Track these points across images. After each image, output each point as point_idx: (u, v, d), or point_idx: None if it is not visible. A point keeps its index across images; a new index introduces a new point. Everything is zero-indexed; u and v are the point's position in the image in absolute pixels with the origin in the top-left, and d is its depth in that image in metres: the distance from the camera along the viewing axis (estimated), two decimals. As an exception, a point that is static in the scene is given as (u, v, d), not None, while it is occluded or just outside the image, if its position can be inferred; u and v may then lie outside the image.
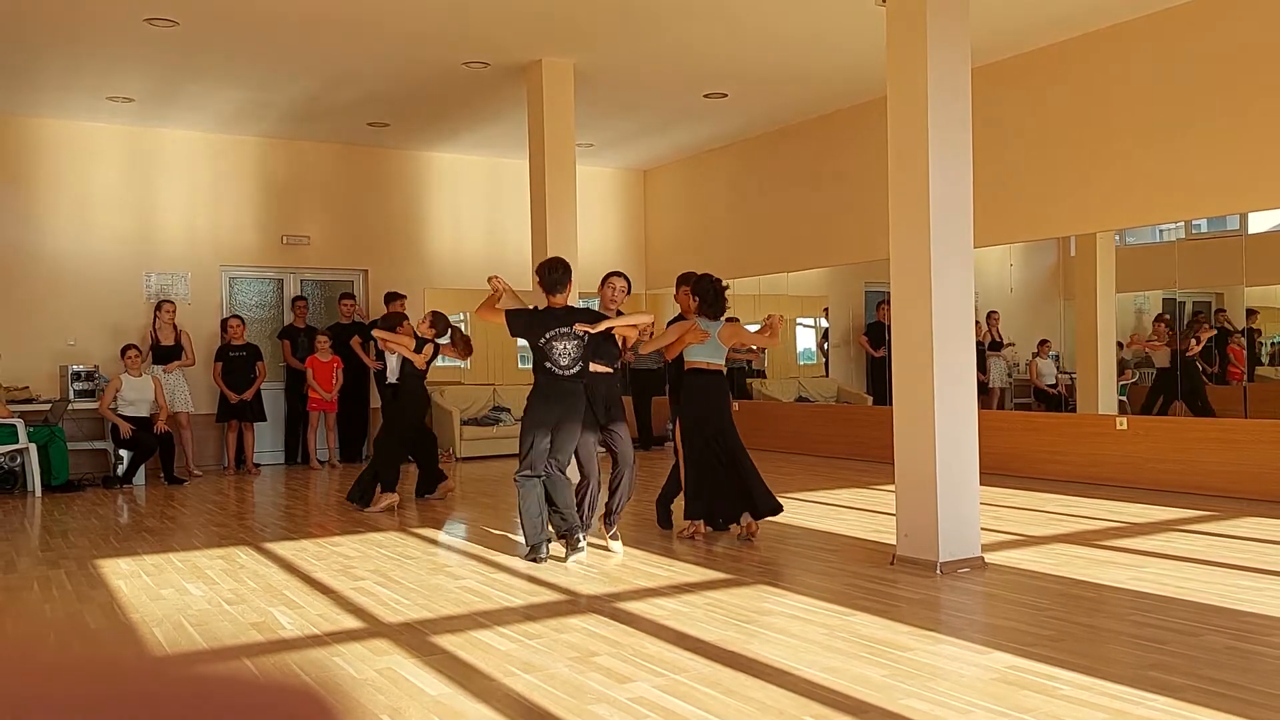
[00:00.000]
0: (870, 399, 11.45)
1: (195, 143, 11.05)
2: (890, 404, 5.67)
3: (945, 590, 4.87)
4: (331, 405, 10.95)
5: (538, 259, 8.94)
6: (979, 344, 9.42)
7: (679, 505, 6.51)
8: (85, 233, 10.56)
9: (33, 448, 9.09)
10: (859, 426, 10.73)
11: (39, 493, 9.07)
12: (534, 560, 5.60)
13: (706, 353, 6.21)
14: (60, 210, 10.47)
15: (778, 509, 6.15)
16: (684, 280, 6.62)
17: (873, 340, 11.25)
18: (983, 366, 9.97)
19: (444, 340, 8.11)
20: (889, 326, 5.82)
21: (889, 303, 5.68)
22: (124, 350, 9.83)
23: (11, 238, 10.24)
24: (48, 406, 9.67)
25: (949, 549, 5.24)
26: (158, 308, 10.39)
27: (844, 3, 7.44)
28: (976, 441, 5.48)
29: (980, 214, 5.87)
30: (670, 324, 6.53)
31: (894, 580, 5.05)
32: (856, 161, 10.42)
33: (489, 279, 6.02)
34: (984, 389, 9.90)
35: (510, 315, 5.78)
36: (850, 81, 9.62)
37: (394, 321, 8.34)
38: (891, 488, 5.84)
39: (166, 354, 10.30)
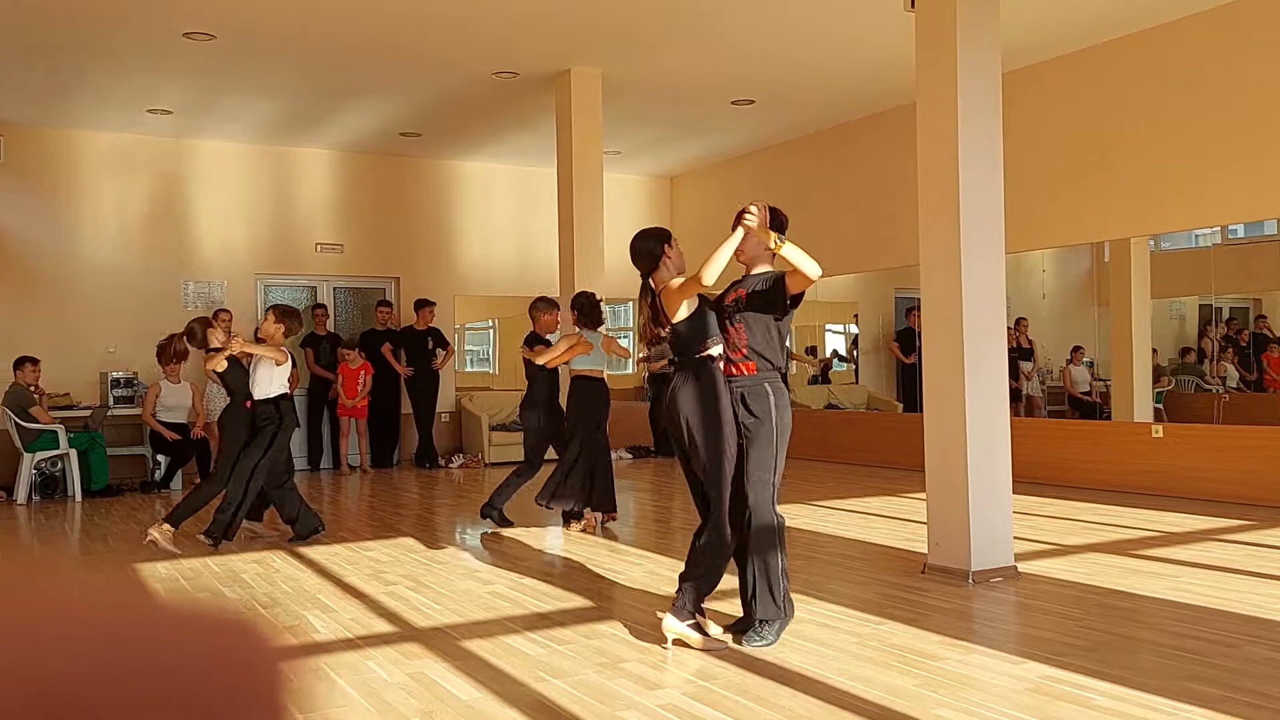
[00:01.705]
0: (900, 406, 11.39)
1: (231, 153, 11.20)
2: (921, 411, 5.64)
3: (977, 599, 4.83)
4: (360, 411, 11.04)
5: (565, 265, 9.00)
6: (1010, 350, 9.35)
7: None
8: (125, 242, 10.73)
9: (73, 453, 9.24)
10: (889, 433, 10.67)
11: (79, 497, 9.22)
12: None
13: (591, 361, 6.92)
14: (101, 220, 10.65)
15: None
16: (546, 303, 7.29)
17: (903, 346, 11.19)
18: (1014, 373, 9.90)
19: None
20: (919, 333, 5.80)
21: (919, 309, 5.65)
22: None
23: (54, 248, 10.42)
24: (88, 413, 9.83)
25: (981, 558, 5.20)
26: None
27: (872, 8, 7.43)
28: (1009, 449, 5.44)
29: (1012, 219, 5.83)
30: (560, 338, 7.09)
31: (925, 589, 5.02)
32: (886, 166, 10.39)
33: None
34: (1016, 396, 9.82)
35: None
36: (879, 86, 9.59)
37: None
38: (922, 496, 5.81)
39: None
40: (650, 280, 4.21)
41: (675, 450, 4.25)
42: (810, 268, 3.84)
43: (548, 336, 7.23)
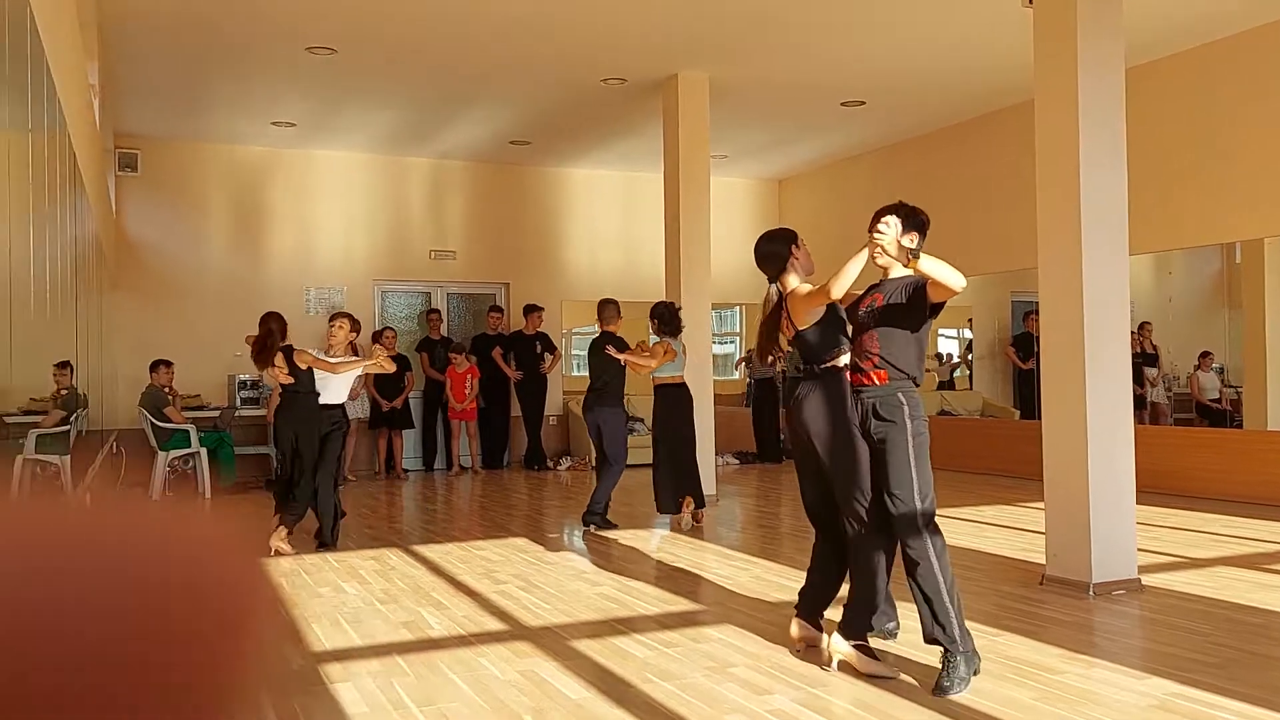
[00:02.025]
0: (1017, 413, 11.08)
1: (351, 163, 11.59)
2: (1039, 417, 5.48)
3: (1098, 612, 4.68)
4: (470, 414, 11.28)
5: (671, 270, 9.03)
6: (1133, 356, 9.00)
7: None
8: (251, 250, 11.20)
9: (203, 452, 9.67)
10: (1005, 441, 10.39)
11: (209, 494, 9.65)
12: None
13: (675, 368, 7.09)
14: (228, 230, 11.14)
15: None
16: (616, 305, 7.54)
17: (1020, 351, 10.89)
18: (1138, 379, 9.53)
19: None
20: (1037, 337, 5.64)
21: (1037, 313, 5.50)
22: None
23: (185, 256, 10.94)
24: (217, 413, 10.28)
25: (1102, 569, 5.03)
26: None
27: (987, 5, 7.26)
28: (1133, 457, 5.25)
29: (1136, 219, 5.63)
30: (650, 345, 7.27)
31: (1043, 601, 4.88)
32: (1001, 167, 10.13)
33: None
34: (1140, 403, 9.46)
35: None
36: (993, 85, 9.37)
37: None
38: (1039, 505, 5.65)
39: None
40: (778, 284, 4.03)
41: (796, 462, 4.07)
42: (953, 279, 3.55)
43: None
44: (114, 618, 0.28)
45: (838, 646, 3.72)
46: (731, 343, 14.06)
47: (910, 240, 3.76)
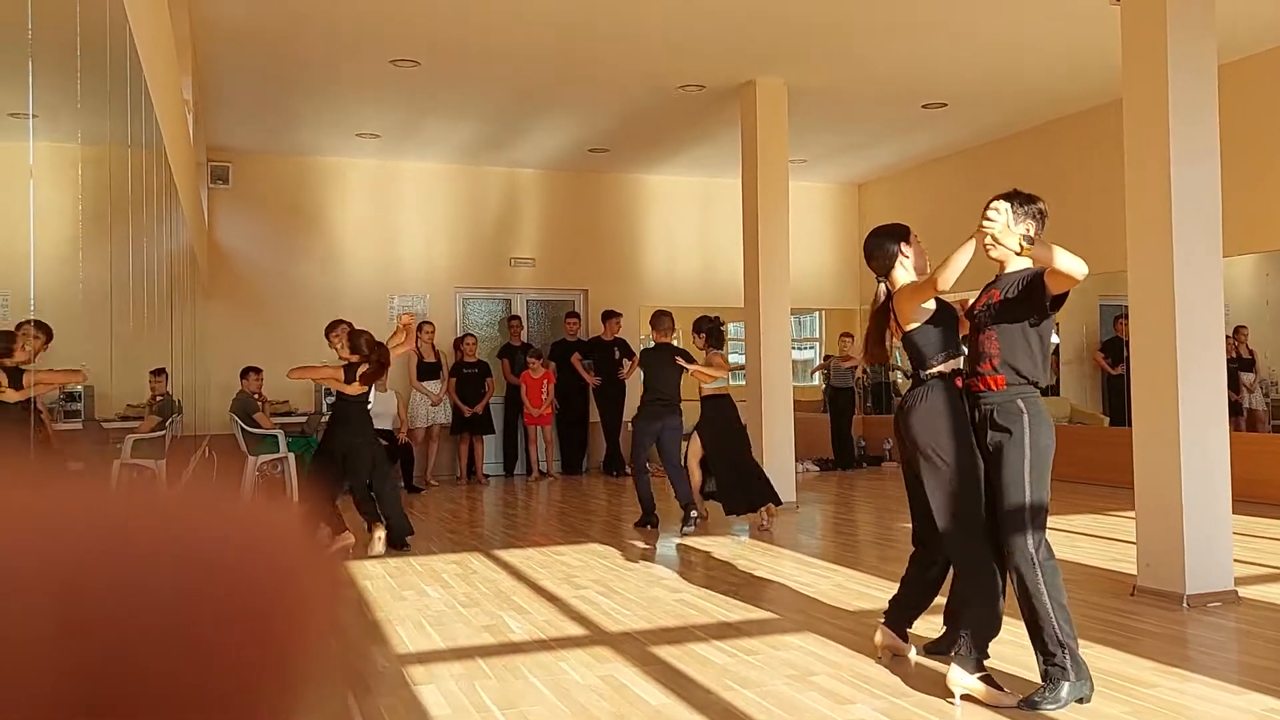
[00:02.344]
0: (1107, 419, 10.79)
1: (433, 174, 11.80)
2: (1129, 425, 5.34)
3: (1193, 625, 4.53)
4: (545, 419, 11.39)
5: (750, 276, 9.00)
6: (1229, 361, 8.70)
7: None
8: (337, 260, 11.47)
9: (291, 457, 9.92)
10: (1094, 448, 10.12)
11: (296, 498, 9.89)
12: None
13: (722, 380, 7.25)
14: (316, 240, 11.42)
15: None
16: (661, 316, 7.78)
17: (1110, 357, 10.61)
18: (1234, 385, 9.20)
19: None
20: (1127, 342, 5.49)
21: (1127, 317, 5.36)
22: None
23: (275, 265, 11.25)
24: (304, 419, 10.55)
25: (1197, 581, 4.87)
26: (419, 328, 11.16)
27: (1072, 3, 7.10)
28: (1228, 466, 5.08)
29: (1232, 220, 5.45)
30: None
31: (1135, 612, 4.75)
32: (1088, 168, 9.89)
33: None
34: (1236, 409, 9.13)
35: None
36: (1078, 85, 9.15)
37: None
38: (1130, 514, 5.50)
39: (429, 370, 10.99)
40: (886, 282, 3.80)
41: (904, 473, 3.82)
42: (1074, 265, 3.27)
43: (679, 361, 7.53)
44: (193, 600, 0.30)
45: (960, 680, 3.43)
46: (811, 349, 13.95)
47: (1026, 229, 3.48)
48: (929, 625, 4.17)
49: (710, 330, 7.48)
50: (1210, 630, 4.46)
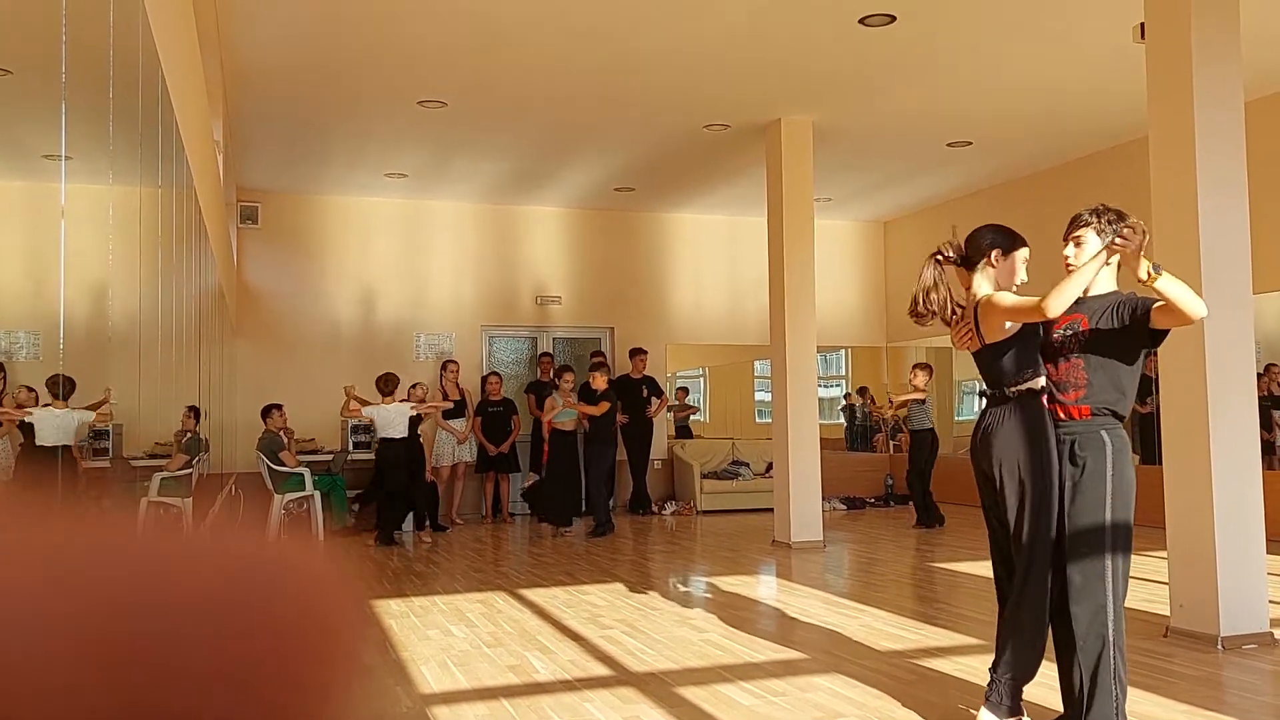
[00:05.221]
0: (1137, 457, 10.63)
1: (460, 213, 11.91)
2: (1160, 463, 5.27)
3: (1228, 667, 4.44)
4: None
5: (776, 313, 9.00)
6: (1261, 399, 8.57)
7: None
8: (365, 298, 11.57)
9: (317, 495, 9.95)
10: (1125, 487, 9.96)
11: (321, 536, 9.90)
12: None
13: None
14: (343, 279, 11.54)
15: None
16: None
17: (1140, 395, 10.47)
18: (1266, 424, 9.06)
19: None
20: (1155, 379, 5.44)
21: (1156, 355, 5.30)
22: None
23: (302, 304, 11.37)
24: (330, 457, 10.59)
25: (1232, 622, 4.78)
26: (443, 367, 11.20)
27: (1096, 41, 7.11)
28: (1261, 506, 5.00)
29: (1263, 257, 5.40)
30: None
31: (1168, 654, 4.66)
32: (1115, 205, 9.81)
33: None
34: (1269, 448, 8.99)
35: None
36: (1105, 122, 9.13)
37: None
38: (1162, 554, 5.41)
39: (454, 408, 10.98)
40: (968, 283, 3.57)
41: (983, 502, 3.49)
42: (1197, 307, 3.03)
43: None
44: (221, 642, 0.30)
45: None
46: (837, 386, 13.90)
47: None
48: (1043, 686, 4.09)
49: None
50: (1245, 673, 4.36)
